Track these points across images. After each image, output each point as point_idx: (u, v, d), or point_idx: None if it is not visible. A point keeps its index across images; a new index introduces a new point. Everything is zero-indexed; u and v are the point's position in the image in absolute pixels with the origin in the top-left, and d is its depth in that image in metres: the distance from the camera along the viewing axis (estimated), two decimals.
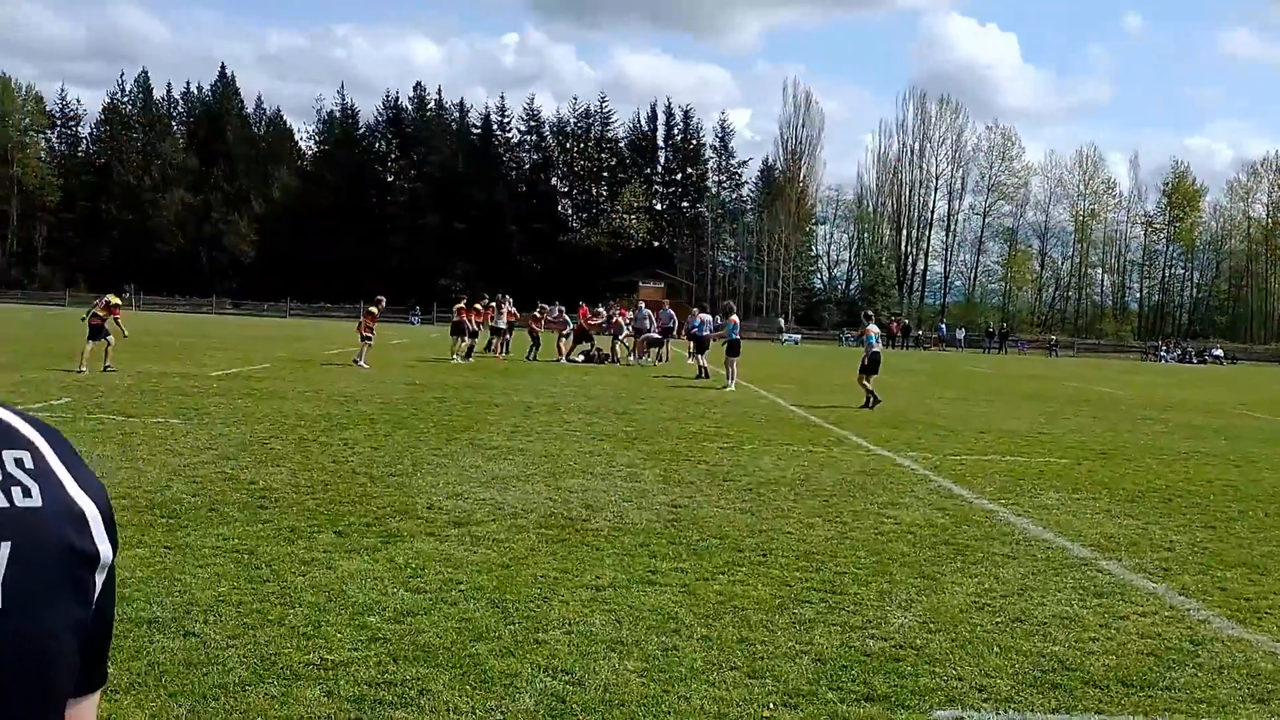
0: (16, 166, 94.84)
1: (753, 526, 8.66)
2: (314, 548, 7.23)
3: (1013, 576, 7.44)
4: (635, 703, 4.75)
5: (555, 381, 23.78)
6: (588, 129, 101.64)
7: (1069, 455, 14.55)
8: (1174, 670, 5.59)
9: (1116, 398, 28.59)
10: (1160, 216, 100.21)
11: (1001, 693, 5.13)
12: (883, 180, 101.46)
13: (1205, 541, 9.06)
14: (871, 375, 20.57)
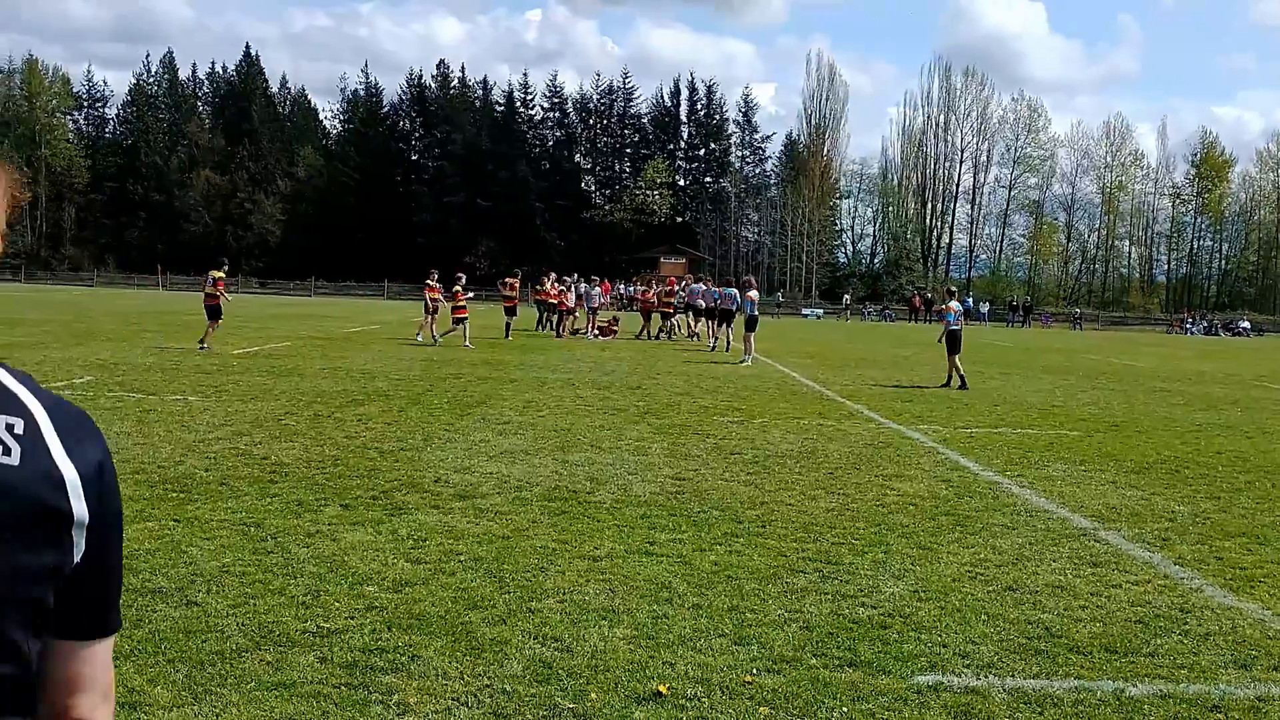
0: (45, 148, 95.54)
1: (754, 499, 8.76)
2: (319, 520, 7.38)
3: (1010, 547, 7.50)
4: (621, 668, 4.86)
5: (572, 357, 23.93)
6: (611, 105, 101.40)
7: (1080, 428, 14.56)
8: (1160, 637, 5.65)
9: (1136, 370, 28.46)
10: (1189, 188, 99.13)
11: (984, 659, 5.21)
12: (907, 153, 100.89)
13: (1208, 512, 9.08)
14: (953, 354, 20.06)
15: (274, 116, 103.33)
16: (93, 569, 1.31)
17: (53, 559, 1.27)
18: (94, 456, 1.32)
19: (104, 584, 1.35)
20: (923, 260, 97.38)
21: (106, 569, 1.34)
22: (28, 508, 1.24)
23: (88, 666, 1.35)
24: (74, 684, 1.35)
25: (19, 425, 1.27)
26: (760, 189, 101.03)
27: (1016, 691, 4.81)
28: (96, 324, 29.42)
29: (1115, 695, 4.82)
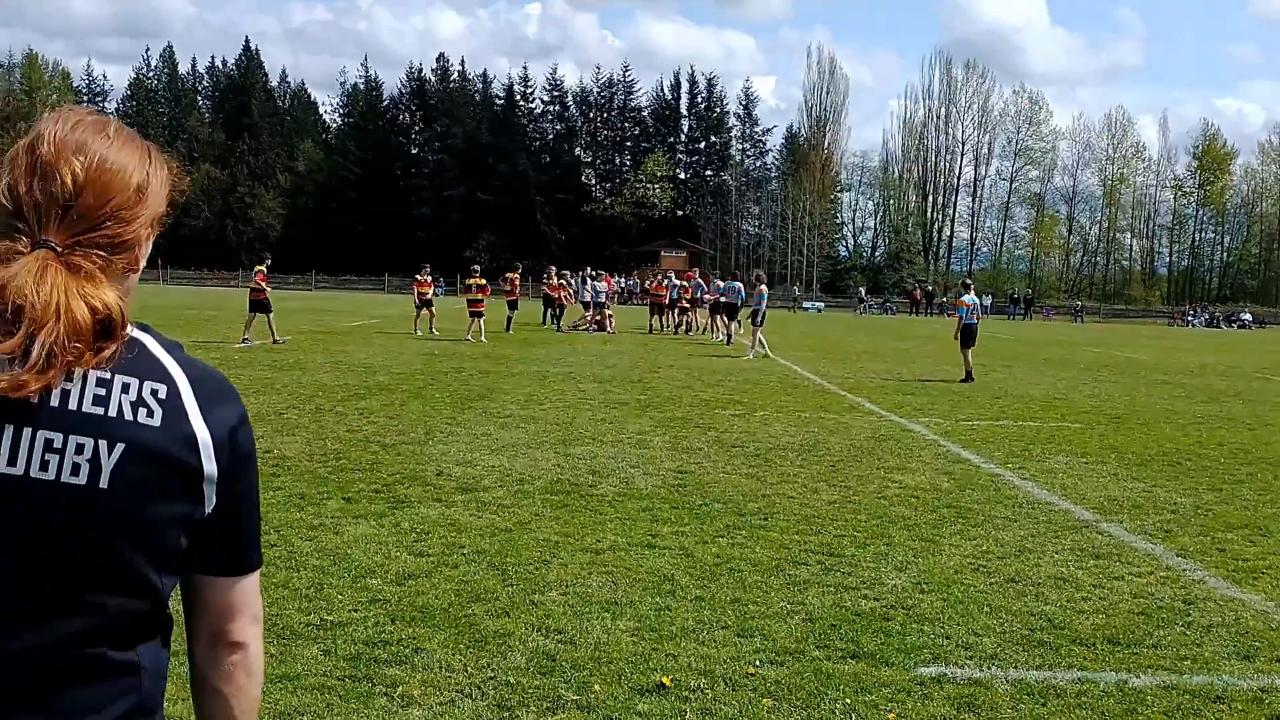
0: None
1: (756, 491, 8.76)
2: (322, 514, 7.39)
3: (1012, 539, 7.51)
4: (624, 660, 4.87)
5: (573, 351, 23.94)
6: (611, 98, 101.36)
7: (1082, 420, 14.56)
8: (1163, 628, 5.66)
9: (1137, 363, 28.45)
10: (1190, 180, 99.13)
11: (987, 650, 5.22)
12: (908, 146, 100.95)
13: (1210, 504, 9.09)
14: (970, 349, 19.97)
15: (274, 111, 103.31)
16: (222, 517, 1.52)
17: (184, 509, 1.47)
18: (228, 420, 1.52)
19: (236, 529, 1.55)
20: (924, 253, 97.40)
21: (237, 517, 1.54)
22: (165, 464, 1.44)
23: (232, 597, 1.57)
24: (223, 612, 1.57)
25: (162, 391, 1.46)
26: (761, 182, 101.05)
27: (1019, 683, 4.82)
28: None
29: (1118, 686, 4.82)
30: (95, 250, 1.44)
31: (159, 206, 1.54)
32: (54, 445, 1.39)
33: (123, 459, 1.41)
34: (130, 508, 1.42)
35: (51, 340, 1.36)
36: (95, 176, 1.44)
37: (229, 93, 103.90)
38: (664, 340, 30.29)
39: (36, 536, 1.39)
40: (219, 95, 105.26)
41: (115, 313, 1.43)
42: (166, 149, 1.60)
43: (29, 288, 1.36)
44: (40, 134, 1.46)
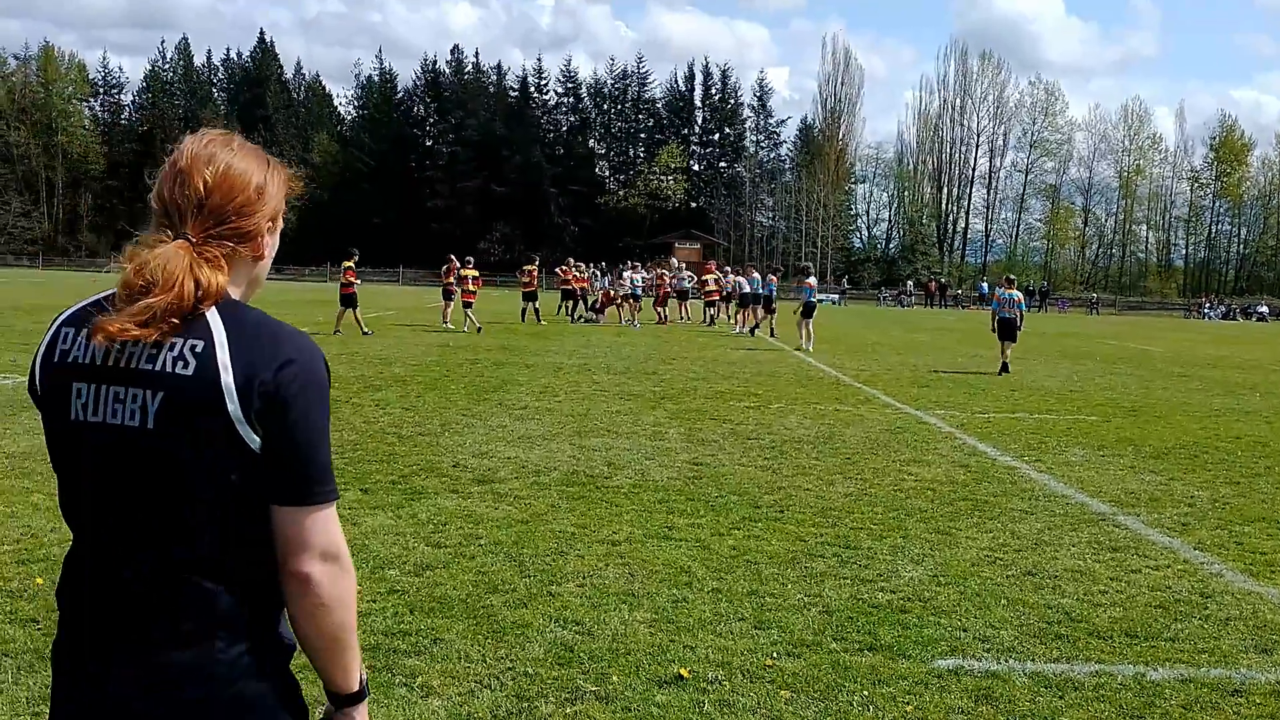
0: (61, 135, 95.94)
1: (772, 484, 8.77)
2: (340, 505, 7.38)
3: (1028, 531, 7.50)
4: (642, 651, 4.88)
5: (589, 343, 23.95)
6: (625, 90, 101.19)
7: (1098, 412, 14.51)
8: (1180, 622, 5.65)
9: (1153, 355, 28.34)
10: (1207, 171, 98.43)
11: (1004, 643, 5.22)
12: (923, 138, 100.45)
13: (1228, 497, 9.06)
14: (1007, 343, 20.03)
15: (288, 103, 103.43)
16: (274, 451, 1.72)
17: (223, 445, 1.70)
18: (264, 364, 1.72)
19: (291, 461, 1.73)
20: (938, 245, 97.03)
21: (290, 450, 1.73)
22: (195, 407, 1.69)
23: (296, 529, 1.75)
24: (286, 543, 1.75)
25: (200, 345, 1.71)
26: (775, 174, 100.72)
27: (1037, 675, 4.82)
28: None
29: (1136, 679, 4.82)
30: (223, 241, 1.79)
31: (277, 204, 1.89)
32: (119, 397, 1.73)
33: (162, 404, 1.70)
34: (172, 446, 1.70)
35: (158, 304, 1.69)
36: (221, 181, 1.79)
37: (244, 85, 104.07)
38: (673, 331, 30.26)
39: (115, 472, 1.73)
40: (234, 87, 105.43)
41: (212, 290, 1.74)
42: (184, 139, 1.86)
43: (160, 266, 1.71)
44: (181, 149, 1.82)
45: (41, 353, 1.83)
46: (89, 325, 1.74)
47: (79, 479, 1.79)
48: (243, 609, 1.76)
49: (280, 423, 1.72)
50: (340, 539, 1.78)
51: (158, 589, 1.73)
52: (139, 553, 1.73)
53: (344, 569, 1.79)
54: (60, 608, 1.86)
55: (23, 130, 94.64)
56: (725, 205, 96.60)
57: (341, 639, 1.82)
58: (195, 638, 1.73)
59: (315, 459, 1.76)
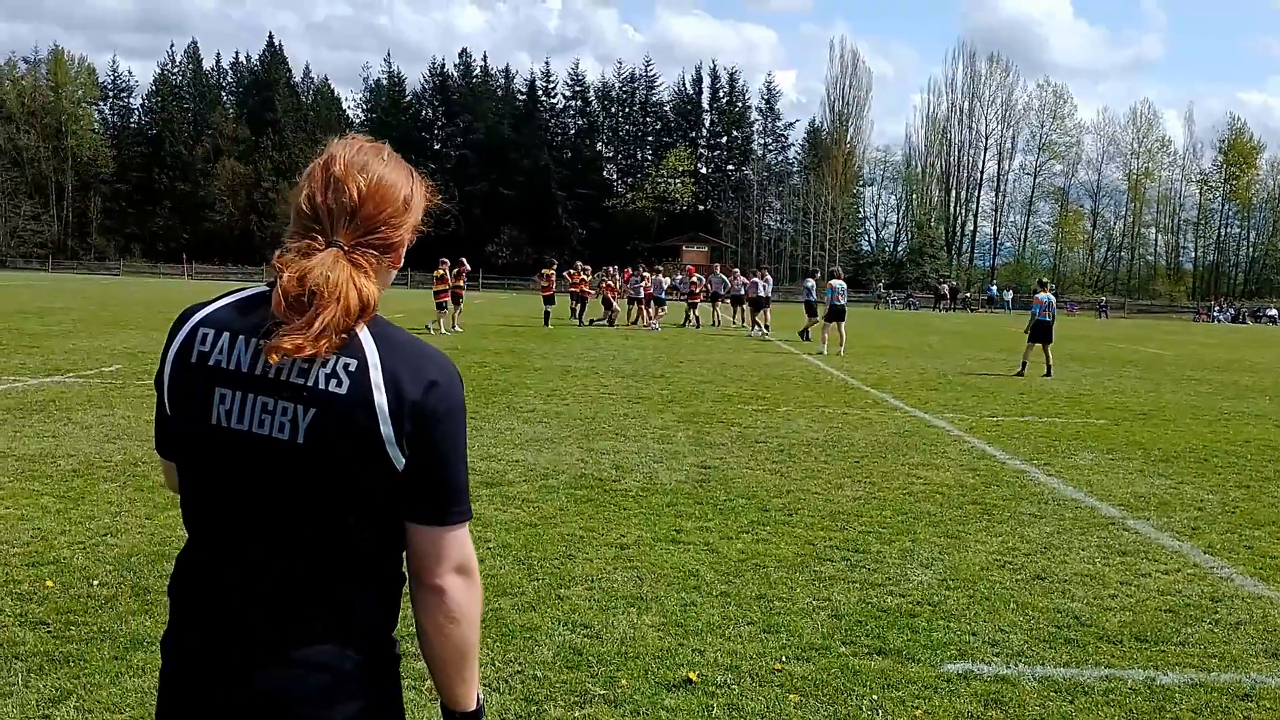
0: (71, 138, 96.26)
1: (781, 487, 8.76)
2: None
3: (1038, 535, 7.49)
4: (650, 655, 4.88)
5: (596, 345, 23.96)
6: (632, 93, 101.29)
7: (1107, 416, 14.48)
8: (1190, 626, 5.64)
9: (1163, 358, 28.27)
10: (1216, 174, 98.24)
11: (1014, 647, 5.21)
12: (931, 141, 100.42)
13: (1237, 501, 9.03)
14: (1042, 344, 20.18)
15: (297, 106, 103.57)
16: (417, 472, 1.76)
17: (369, 464, 1.73)
18: (414, 387, 1.75)
19: (432, 483, 1.78)
20: (947, 248, 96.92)
21: (431, 472, 1.77)
22: (348, 426, 1.72)
23: (431, 545, 1.80)
24: (422, 557, 1.81)
25: (353, 365, 1.74)
26: (783, 177, 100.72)
27: (1047, 680, 4.81)
28: (123, 313, 29.63)
29: (1146, 684, 4.81)
30: (371, 250, 1.81)
31: (418, 217, 1.91)
32: (268, 408, 1.74)
33: (314, 420, 1.73)
34: (321, 461, 1.73)
35: (329, 318, 1.70)
36: (374, 190, 1.81)
37: (253, 88, 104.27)
38: (682, 334, 30.24)
39: (258, 481, 1.76)
40: (243, 90, 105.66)
41: (371, 303, 1.77)
42: (193, 143, 1.78)
43: (323, 275, 1.72)
44: (333, 155, 1.83)
45: (175, 350, 1.83)
46: (233, 330, 1.79)
47: (212, 481, 1.81)
48: (371, 619, 1.82)
49: (426, 445, 1.76)
50: (472, 553, 1.84)
51: (291, 596, 1.77)
52: (275, 560, 1.77)
53: (474, 584, 1.84)
54: (175, 604, 1.88)
55: (32, 133, 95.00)
56: (733, 208, 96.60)
57: (467, 654, 1.87)
58: (325, 644, 1.78)
59: (455, 480, 1.81)
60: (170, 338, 1.86)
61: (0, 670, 4.45)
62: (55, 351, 17.42)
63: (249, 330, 1.78)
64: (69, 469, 8.36)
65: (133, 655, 4.62)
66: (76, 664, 4.53)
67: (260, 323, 1.77)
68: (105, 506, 7.20)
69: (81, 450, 9.12)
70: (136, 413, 11.25)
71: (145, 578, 5.69)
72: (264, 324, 1.76)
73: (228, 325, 1.80)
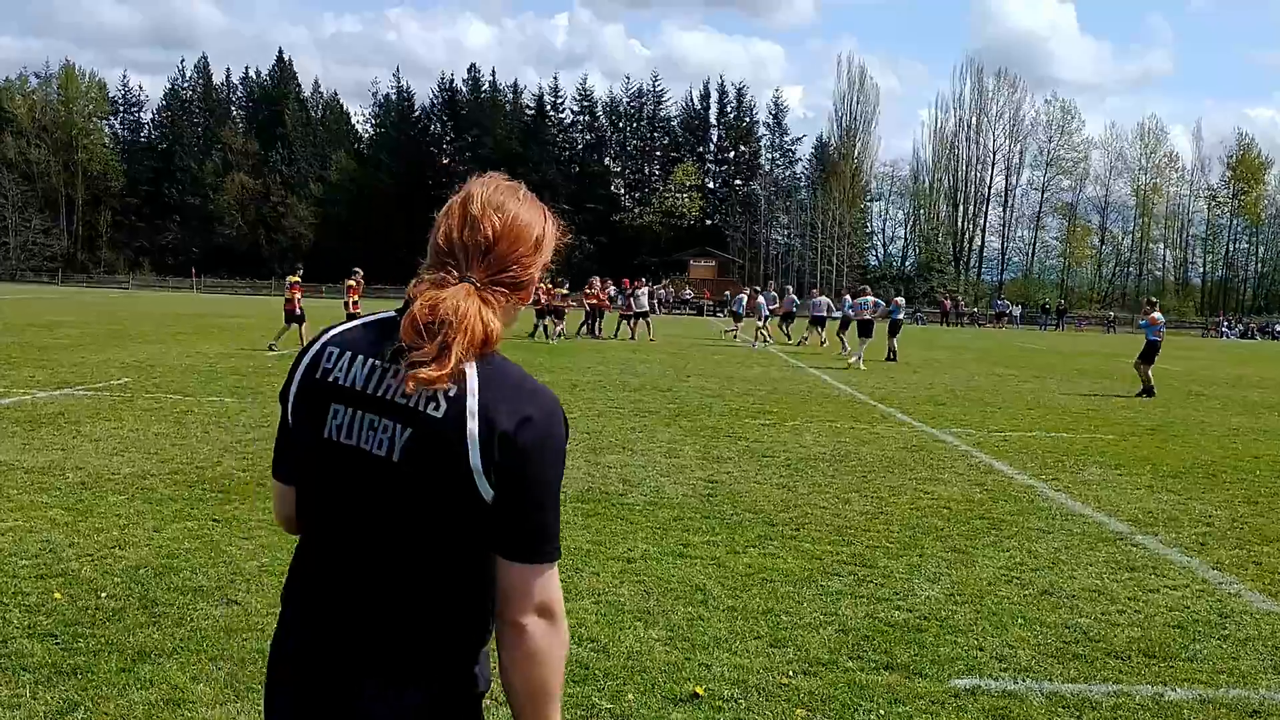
0: (81, 152, 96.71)
1: (788, 502, 8.75)
2: None
3: (1045, 551, 7.47)
4: (657, 669, 4.88)
5: (603, 359, 23.97)
6: (640, 108, 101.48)
7: (1116, 431, 14.45)
8: (1198, 642, 5.62)
9: (1171, 374, 28.16)
10: (1224, 190, 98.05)
11: (1021, 662, 5.20)
12: (939, 156, 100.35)
13: (1246, 517, 9.01)
14: (1148, 364, 20.24)
15: (307, 121, 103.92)
16: (505, 505, 1.76)
17: (458, 490, 1.75)
18: (508, 419, 1.75)
19: (519, 518, 1.77)
20: (954, 263, 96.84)
21: (520, 507, 1.77)
22: (439, 448, 1.75)
23: (518, 581, 1.78)
24: (507, 593, 1.79)
25: (453, 390, 1.76)
26: (790, 192, 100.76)
27: (1054, 695, 4.79)
28: (132, 326, 29.72)
29: (1154, 700, 4.79)
30: (502, 287, 1.86)
31: (549, 255, 1.95)
32: (374, 425, 1.80)
33: (409, 440, 1.77)
34: (413, 481, 1.77)
35: (459, 349, 1.75)
36: (509, 229, 1.86)
37: (262, 103, 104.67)
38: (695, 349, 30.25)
39: (359, 496, 1.82)
40: (252, 105, 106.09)
41: (495, 336, 1.80)
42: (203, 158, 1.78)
43: (453, 306, 1.77)
44: (471, 193, 1.91)
45: (304, 366, 1.92)
46: (355, 350, 1.87)
47: (321, 494, 1.89)
48: (454, 650, 1.84)
49: (515, 479, 1.76)
50: (558, 597, 1.82)
51: (377, 618, 1.82)
52: (366, 577, 1.82)
53: (557, 627, 1.82)
54: (284, 610, 1.97)
55: (43, 148, 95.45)
56: (741, 223, 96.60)
57: (544, 697, 1.83)
58: (405, 670, 1.82)
59: (545, 519, 1.80)
60: (302, 354, 1.95)
61: (8, 681, 4.46)
62: (64, 364, 17.47)
63: (369, 351, 1.86)
64: (77, 481, 8.38)
65: (140, 667, 4.63)
66: (84, 676, 4.54)
67: (382, 345, 1.84)
68: (113, 519, 7.22)
69: (90, 463, 9.15)
70: (145, 425, 11.28)
71: (153, 590, 5.70)
72: (386, 347, 1.83)
73: (351, 345, 1.88)
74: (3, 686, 4.42)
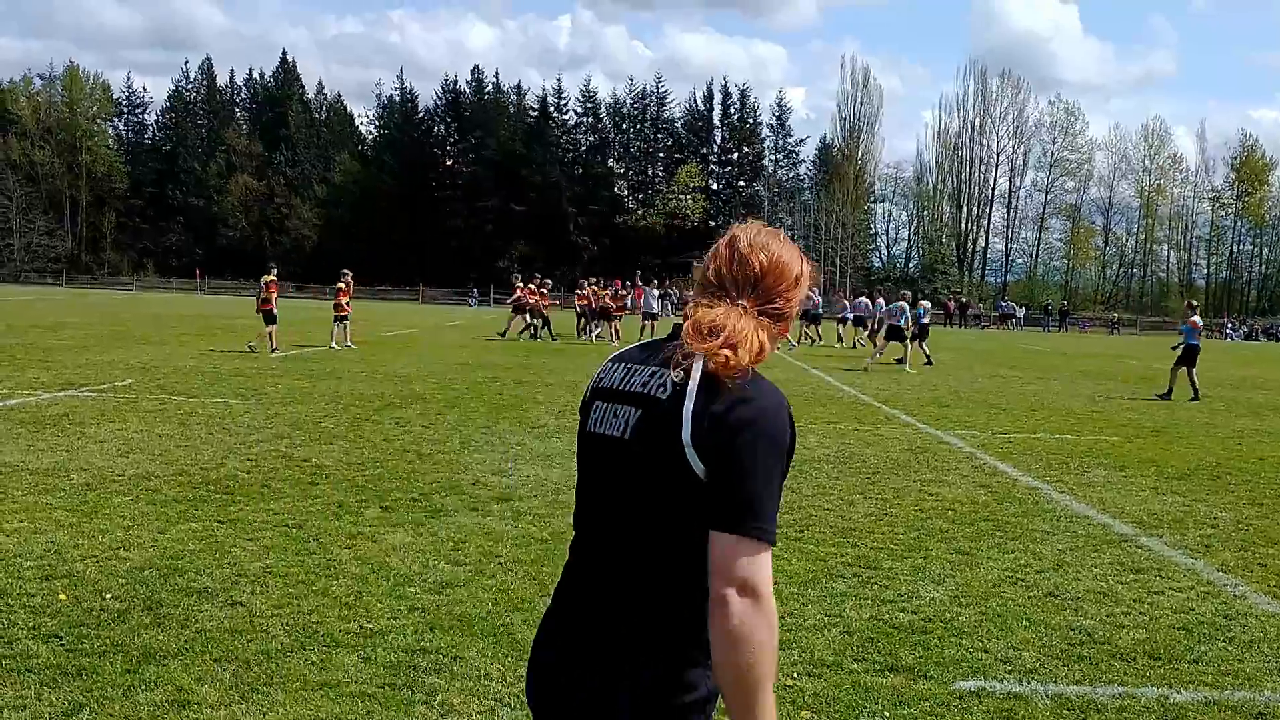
0: (85, 154, 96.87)
1: (792, 503, 8.74)
2: (360, 522, 7.44)
3: (1050, 553, 7.46)
4: None
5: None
6: (643, 110, 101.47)
7: (1120, 433, 14.43)
8: (1204, 644, 5.61)
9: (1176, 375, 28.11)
10: (1228, 191, 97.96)
11: (1026, 664, 5.19)
12: (943, 157, 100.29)
13: (1251, 519, 8.99)
14: (1186, 367, 20.06)
15: (310, 122, 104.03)
16: (716, 480, 1.88)
17: (674, 468, 1.91)
18: (721, 404, 1.91)
19: (728, 491, 1.87)
20: (958, 264, 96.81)
21: (728, 481, 1.87)
22: (659, 425, 1.94)
23: (721, 553, 1.85)
24: (713, 564, 1.86)
25: (679, 377, 1.96)
26: (794, 193, 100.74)
27: (1059, 697, 4.79)
28: (137, 328, 29.76)
29: (1159, 702, 4.78)
30: (766, 317, 2.05)
31: (804, 293, 2.16)
32: (617, 413, 2.05)
33: (638, 420, 2.00)
34: (639, 458, 1.97)
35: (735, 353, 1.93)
36: (774, 266, 2.09)
37: (266, 104, 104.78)
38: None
39: (603, 479, 2.07)
40: (256, 107, 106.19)
41: (766, 351, 2.00)
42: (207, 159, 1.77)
43: (728, 317, 1.98)
44: (736, 236, 2.15)
45: (592, 379, 2.20)
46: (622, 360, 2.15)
47: (581, 483, 2.16)
48: (679, 638, 1.96)
49: (724, 456, 1.88)
50: (763, 579, 1.85)
51: (619, 593, 1.99)
52: (609, 556, 2.03)
53: (759, 608, 1.83)
54: (554, 593, 2.20)
55: (47, 149, 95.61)
56: None
57: (748, 686, 1.85)
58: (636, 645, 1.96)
59: (751, 494, 1.87)
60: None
61: (13, 682, 4.47)
62: (69, 366, 17.50)
63: (632, 360, 2.13)
64: (82, 483, 8.39)
65: (145, 668, 4.64)
66: (89, 677, 4.54)
67: (647, 357, 2.10)
68: (118, 520, 7.23)
69: (94, 464, 9.16)
70: (149, 426, 11.29)
71: (157, 591, 5.70)
72: (649, 358, 2.09)
73: (623, 357, 2.17)
74: (8, 688, 4.42)
